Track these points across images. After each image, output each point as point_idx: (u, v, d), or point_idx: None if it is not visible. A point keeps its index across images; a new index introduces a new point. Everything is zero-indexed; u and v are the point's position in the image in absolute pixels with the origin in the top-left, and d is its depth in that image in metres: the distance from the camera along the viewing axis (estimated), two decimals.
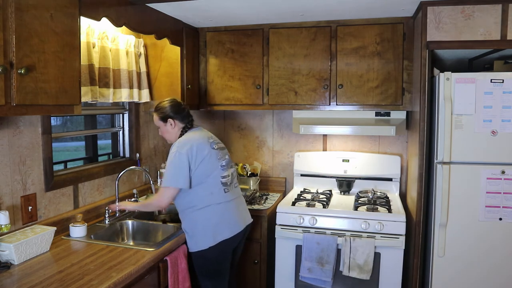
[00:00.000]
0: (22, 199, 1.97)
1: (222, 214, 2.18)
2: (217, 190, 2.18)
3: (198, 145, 2.15)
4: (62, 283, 1.56)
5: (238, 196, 2.34)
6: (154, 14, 2.51)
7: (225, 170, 2.24)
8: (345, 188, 3.09)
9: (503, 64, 2.50)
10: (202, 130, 2.33)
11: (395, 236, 2.51)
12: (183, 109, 2.31)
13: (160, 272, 1.95)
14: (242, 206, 2.36)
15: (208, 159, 2.16)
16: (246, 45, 3.00)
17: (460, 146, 2.32)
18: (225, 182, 2.22)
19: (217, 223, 2.16)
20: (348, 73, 2.82)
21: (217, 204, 2.17)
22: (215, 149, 2.23)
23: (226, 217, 2.19)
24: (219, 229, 2.16)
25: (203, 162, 2.13)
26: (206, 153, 2.16)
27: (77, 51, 1.79)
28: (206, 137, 2.26)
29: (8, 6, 1.44)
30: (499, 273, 2.32)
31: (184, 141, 2.17)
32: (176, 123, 2.28)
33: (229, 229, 2.19)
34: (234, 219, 2.23)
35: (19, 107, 1.52)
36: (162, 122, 2.29)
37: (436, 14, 2.32)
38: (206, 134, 2.30)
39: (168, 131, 2.30)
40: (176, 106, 2.29)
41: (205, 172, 2.14)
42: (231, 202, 2.24)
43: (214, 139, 2.30)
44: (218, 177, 2.19)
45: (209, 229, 2.14)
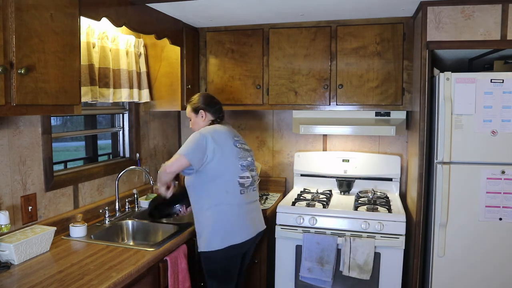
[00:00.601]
0: (22, 199, 1.97)
1: (234, 217, 2.12)
2: (233, 190, 2.12)
3: (220, 136, 2.13)
4: (62, 283, 1.56)
5: (254, 201, 2.26)
6: (154, 14, 2.51)
7: (245, 171, 2.17)
8: (345, 188, 3.09)
9: (503, 64, 2.50)
10: (230, 127, 2.30)
11: (395, 236, 2.51)
12: (215, 103, 2.31)
13: (160, 272, 1.95)
14: (257, 212, 2.28)
15: (228, 154, 2.11)
16: (246, 45, 3.00)
17: (460, 146, 2.32)
18: (242, 183, 2.15)
19: (228, 226, 2.10)
20: (348, 73, 2.82)
21: (230, 205, 2.11)
22: (237, 147, 2.18)
23: (237, 221, 2.12)
24: (229, 232, 2.09)
25: (221, 155, 2.09)
26: (226, 147, 2.12)
27: (77, 51, 1.79)
28: (231, 133, 2.22)
29: (8, 6, 1.44)
30: (499, 273, 2.32)
31: (209, 128, 2.16)
32: (206, 115, 2.26)
33: (239, 235, 2.12)
34: (245, 225, 2.15)
35: (19, 107, 1.52)
36: (194, 113, 2.28)
37: (436, 14, 2.32)
38: (233, 132, 2.26)
39: (198, 123, 2.28)
40: (208, 98, 2.30)
41: (221, 166, 2.09)
42: (245, 205, 2.16)
43: (239, 139, 2.25)
44: (235, 175, 2.13)
45: (220, 231, 2.09)
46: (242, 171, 2.16)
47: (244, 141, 2.30)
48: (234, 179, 2.12)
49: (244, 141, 2.30)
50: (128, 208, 2.60)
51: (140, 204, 2.73)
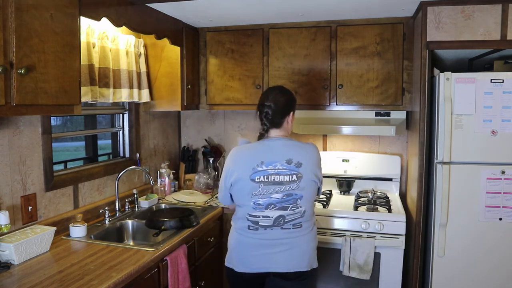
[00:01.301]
0: (22, 199, 1.97)
1: (237, 243, 1.92)
2: (242, 221, 1.89)
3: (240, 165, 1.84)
4: (62, 283, 1.56)
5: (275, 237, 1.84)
6: (154, 14, 2.51)
7: (259, 211, 1.82)
8: (345, 188, 3.09)
9: (503, 64, 2.50)
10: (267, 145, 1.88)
11: (395, 236, 2.51)
12: (262, 105, 1.90)
13: (160, 272, 1.95)
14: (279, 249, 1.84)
15: (239, 188, 1.85)
16: (246, 45, 3.00)
17: (460, 146, 2.32)
18: (255, 221, 1.84)
19: (232, 249, 1.95)
20: (348, 73, 2.82)
21: (241, 234, 1.91)
22: (255, 182, 1.80)
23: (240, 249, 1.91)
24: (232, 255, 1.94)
25: (235, 187, 1.86)
26: (241, 180, 1.83)
27: (77, 51, 1.79)
28: (258, 159, 1.81)
29: (8, 6, 1.44)
30: (499, 273, 2.32)
31: (232, 153, 1.91)
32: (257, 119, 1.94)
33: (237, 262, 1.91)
34: (247, 257, 1.88)
35: (19, 107, 1.52)
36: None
37: (436, 14, 2.32)
38: (263, 156, 1.82)
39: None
40: (260, 99, 1.94)
41: (235, 199, 1.92)
42: (254, 239, 1.86)
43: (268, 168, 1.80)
44: (245, 212, 1.86)
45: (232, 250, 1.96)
46: (255, 210, 1.82)
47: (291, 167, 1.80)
48: (244, 213, 1.87)
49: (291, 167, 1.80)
50: (128, 208, 2.60)
51: (140, 204, 2.73)
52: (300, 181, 1.82)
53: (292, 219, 1.84)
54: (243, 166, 1.83)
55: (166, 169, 3.08)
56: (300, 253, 1.87)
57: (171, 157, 3.44)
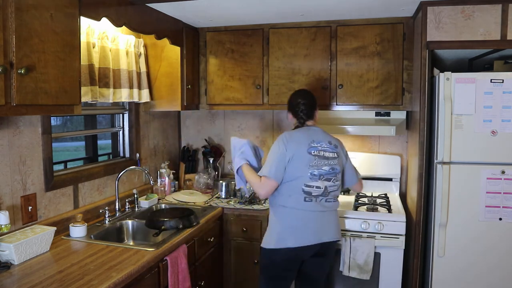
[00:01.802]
0: (22, 199, 1.97)
1: (293, 221, 2.11)
2: (296, 195, 2.10)
3: (293, 142, 2.11)
4: (62, 283, 1.56)
5: (325, 210, 2.16)
6: (154, 14, 2.51)
7: (315, 180, 2.10)
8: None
9: (503, 64, 2.50)
10: (314, 131, 2.21)
11: (395, 236, 2.51)
12: (297, 103, 2.24)
13: (160, 272, 1.95)
14: (327, 222, 2.17)
15: (298, 160, 2.09)
16: (246, 45, 3.00)
17: (460, 146, 2.32)
18: (308, 191, 2.10)
19: (285, 228, 2.11)
20: (348, 73, 2.82)
21: (291, 209, 2.11)
22: (312, 155, 2.11)
23: (296, 225, 2.10)
24: (284, 235, 2.10)
25: (292, 161, 2.09)
26: (298, 154, 2.09)
27: (77, 51, 1.79)
28: (310, 139, 2.15)
29: (8, 6, 1.44)
30: (499, 273, 2.32)
31: (284, 135, 2.17)
32: (290, 117, 2.30)
33: (294, 239, 2.09)
34: (305, 230, 2.10)
35: (19, 107, 1.52)
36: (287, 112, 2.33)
37: (436, 14, 2.32)
38: (314, 137, 2.17)
39: (290, 122, 2.34)
40: (292, 98, 2.29)
41: (290, 172, 2.09)
42: (310, 212, 2.11)
43: (320, 145, 2.15)
44: (301, 183, 2.09)
45: (277, 231, 2.12)
46: (311, 179, 2.10)
47: (333, 147, 2.19)
48: (299, 185, 2.10)
49: (333, 147, 2.19)
50: (128, 208, 2.60)
51: (140, 204, 2.73)
52: (338, 159, 2.20)
53: (332, 191, 2.17)
54: (298, 143, 2.12)
55: (166, 169, 3.08)
56: (338, 224, 2.25)
57: (171, 157, 3.44)
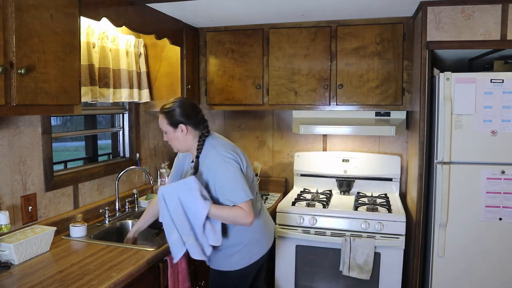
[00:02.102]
0: (22, 199, 1.97)
1: (261, 230, 2.02)
2: (256, 201, 2.02)
3: (238, 153, 1.95)
4: (62, 283, 1.56)
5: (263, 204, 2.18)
6: (154, 14, 2.51)
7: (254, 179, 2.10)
8: (345, 188, 3.09)
9: (503, 64, 2.50)
10: (220, 136, 2.06)
11: (395, 236, 2.51)
12: (197, 112, 1.94)
13: (160, 272, 1.95)
14: (269, 216, 2.18)
15: (248, 167, 1.99)
16: (246, 45, 3.00)
17: (460, 146, 2.32)
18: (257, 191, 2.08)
19: (255, 242, 1.99)
20: (348, 73, 2.82)
21: (257, 219, 1.97)
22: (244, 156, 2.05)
23: (263, 232, 2.04)
24: (256, 248, 2.00)
25: (247, 172, 1.96)
26: (245, 161, 1.98)
27: (77, 51, 1.79)
28: (231, 143, 2.03)
29: (8, 6, 1.44)
30: (499, 273, 2.32)
31: (223, 150, 1.89)
32: (188, 130, 1.90)
33: (263, 247, 2.04)
34: (267, 234, 2.08)
35: (19, 107, 1.52)
36: (171, 127, 1.90)
37: (436, 14, 2.32)
38: (227, 140, 2.06)
39: (178, 138, 1.91)
40: (189, 109, 1.91)
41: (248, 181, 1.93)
42: (261, 214, 2.06)
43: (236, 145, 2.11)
44: (255, 185, 2.04)
45: (246, 249, 1.96)
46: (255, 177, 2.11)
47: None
48: (254, 189, 2.03)
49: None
50: (128, 208, 2.60)
51: (140, 204, 2.73)
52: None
53: None
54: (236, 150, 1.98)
55: (166, 169, 3.08)
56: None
57: (171, 157, 3.44)
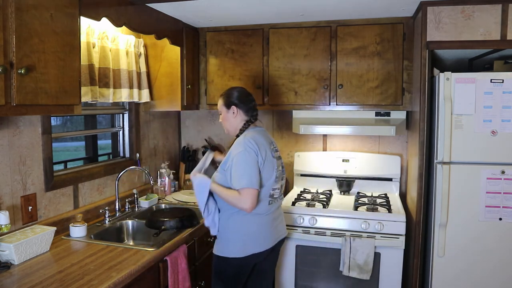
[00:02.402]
0: (22, 199, 1.97)
1: (259, 226, 2.06)
2: (264, 200, 2.05)
3: (263, 147, 2.02)
4: (62, 283, 1.56)
5: (278, 208, 2.20)
6: (154, 14, 2.51)
7: (277, 182, 2.10)
8: (345, 188, 3.09)
9: (503, 64, 2.50)
10: (265, 132, 2.18)
11: (395, 236, 2.51)
12: (251, 100, 2.15)
13: (160, 272, 1.95)
14: (280, 220, 2.22)
15: (268, 166, 2.03)
16: (246, 45, 3.00)
17: (460, 146, 2.32)
18: (272, 194, 2.08)
19: (251, 235, 2.05)
20: (348, 73, 2.82)
21: (257, 215, 2.04)
22: (274, 157, 2.10)
23: (261, 230, 2.07)
24: (252, 241, 2.05)
25: (264, 168, 2.01)
26: (267, 159, 2.03)
27: (77, 51, 1.79)
28: (269, 142, 2.12)
29: (8, 6, 1.44)
30: (499, 273, 2.32)
31: (249, 139, 2.00)
32: (238, 113, 2.12)
33: (260, 244, 2.07)
34: (268, 234, 2.10)
35: (19, 107, 1.52)
36: (225, 108, 2.13)
37: (436, 14, 2.32)
38: (269, 139, 2.15)
39: (229, 119, 2.13)
40: (243, 94, 2.14)
41: (263, 179, 2.02)
42: (270, 215, 2.11)
43: (274, 146, 2.16)
44: (270, 187, 2.05)
45: (242, 239, 2.04)
46: (276, 182, 2.09)
47: (277, 146, 2.21)
48: (268, 190, 2.05)
49: (277, 146, 2.21)
50: (128, 208, 2.60)
51: (140, 204, 2.73)
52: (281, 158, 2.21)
53: (282, 189, 2.20)
54: (265, 147, 2.05)
55: (166, 169, 3.08)
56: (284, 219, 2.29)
57: (171, 157, 3.44)
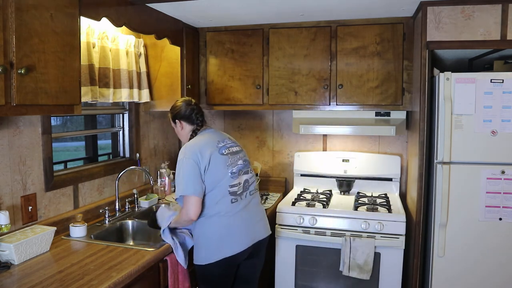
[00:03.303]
0: (22, 199, 1.97)
1: (225, 228, 2.00)
2: (223, 200, 2.01)
3: (205, 150, 2.01)
4: (62, 283, 1.56)
5: (248, 205, 2.11)
6: (154, 14, 2.51)
7: (235, 178, 2.05)
8: (345, 188, 3.09)
9: (503, 64, 2.50)
10: (213, 132, 2.18)
11: (395, 236, 2.51)
12: (191, 110, 2.17)
13: (160, 272, 1.95)
14: (255, 218, 2.14)
15: (216, 165, 2.01)
16: (246, 45, 3.00)
17: (460, 146, 2.32)
18: (233, 192, 2.03)
19: (218, 239, 1.99)
20: (348, 73, 2.82)
21: (220, 216, 2.01)
22: (225, 155, 2.06)
23: (231, 231, 2.01)
24: (222, 244, 1.99)
25: (210, 170, 1.99)
26: (213, 160, 2.01)
27: (77, 51, 1.79)
28: (215, 141, 2.09)
29: (8, 6, 1.44)
30: (499, 273, 2.32)
31: (190, 147, 2.03)
32: (183, 125, 2.18)
33: (229, 247, 2.00)
34: (238, 235, 2.03)
35: (19, 107, 1.52)
36: (173, 122, 2.23)
37: (436, 14, 2.32)
38: (216, 137, 2.13)
39: (179, 132, 2.23)
40: (183, 107, 2.18)
41: (213, 180, 2.00)
42: (238, 214, 2.04)
43: (225, 143, 2.13)
44: (226, 186, 2.02)
45: (213, 244, 2.00)
46: (233, 179, 2.04)
47: (232, 141, 2.19)
48: (224, 190, 2.02)
49: (232, 141, 2.19)
50: (128, 208, 2.60)
51: (140, 204, 2.73)
52: (243, 151, 2.24)
53: (252, 182, 2.18)
54: (207, 149, 2.03)
55: (166, 169, 3.08)
56: (265, 219, 2.23)
57: (171, 157, 3.44)
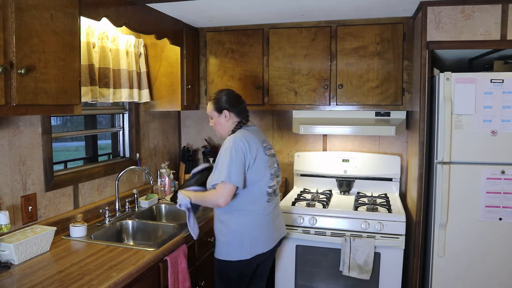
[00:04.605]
0: (22, 199, 1.97)
1: (261, 227, 2.08)
2: (261, 199, 2.07)
3: (253, 146, 2.04)
4: (62, 283, 1.56)
5: (277, 205, 2.23)
6: (154, 14, 2.51)
7: (273, 179, 2.13)
8: (345, 188, 3.09)
9: (503, 64, 2.50)
10: (257, 131, 2.20)
11: (395, 236, 2.51)
12: (241, 102, 2.18)
13: (160, 272, 1.95)
14: (279, 218, 2.26)
15: (260, 164, 2.05)
16: (246, 45, 3.00)
17: (460, 146, 2.32)
18: (270, 192, 2.11)
19: (255, 236, 2.06)
20: (348, 73, 2.82)
21: (257, 215, 2.07)
22: (267, 155, 2.11)
23: (263, 230, 2.09)
24: (256, 242, 2.06)
25: (254, 166, 2.02)
26: (259, 157, 2.05)
27: (77, 51, 1.79)
28: (260, 140, 2.13)
29: (8, 6, 1.44)
30: (499, 273, 2.32)
31: (240, 138, 2.03)
32: (231, 116, 2.15)
33: (264, 244, 2.09)
34: (270, 234, 2.13)
35: (19, 107, 1.52)
36: (217, 112, 2.15)
37: (436, 14, 2.32)
38: (261, 137, 2.17)
39: (221, 123, 2.16)
40: (233, 98, 2.17)
41: (254, 177, 2.04)
42: (271, 214, 2.13)
43: (267, 144, 2.18)
44: (265, 186, 2.07)
45: (246, 241, 2.05)
46: (271, 180, 2.11)
47: (270, 144, 2.23)
48: (263, 189, 2.07)
49: (270, 144, 2.23)
50: (128, 208, 2.60)
51: (140, 204, 2.73)
52: (276, 156, 2.26)
53: (278, 186, 2.22)
54: (256, 147, 2.07)
55: (166, 169, 3.08)
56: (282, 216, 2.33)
57: (171, 157, 3.45)
